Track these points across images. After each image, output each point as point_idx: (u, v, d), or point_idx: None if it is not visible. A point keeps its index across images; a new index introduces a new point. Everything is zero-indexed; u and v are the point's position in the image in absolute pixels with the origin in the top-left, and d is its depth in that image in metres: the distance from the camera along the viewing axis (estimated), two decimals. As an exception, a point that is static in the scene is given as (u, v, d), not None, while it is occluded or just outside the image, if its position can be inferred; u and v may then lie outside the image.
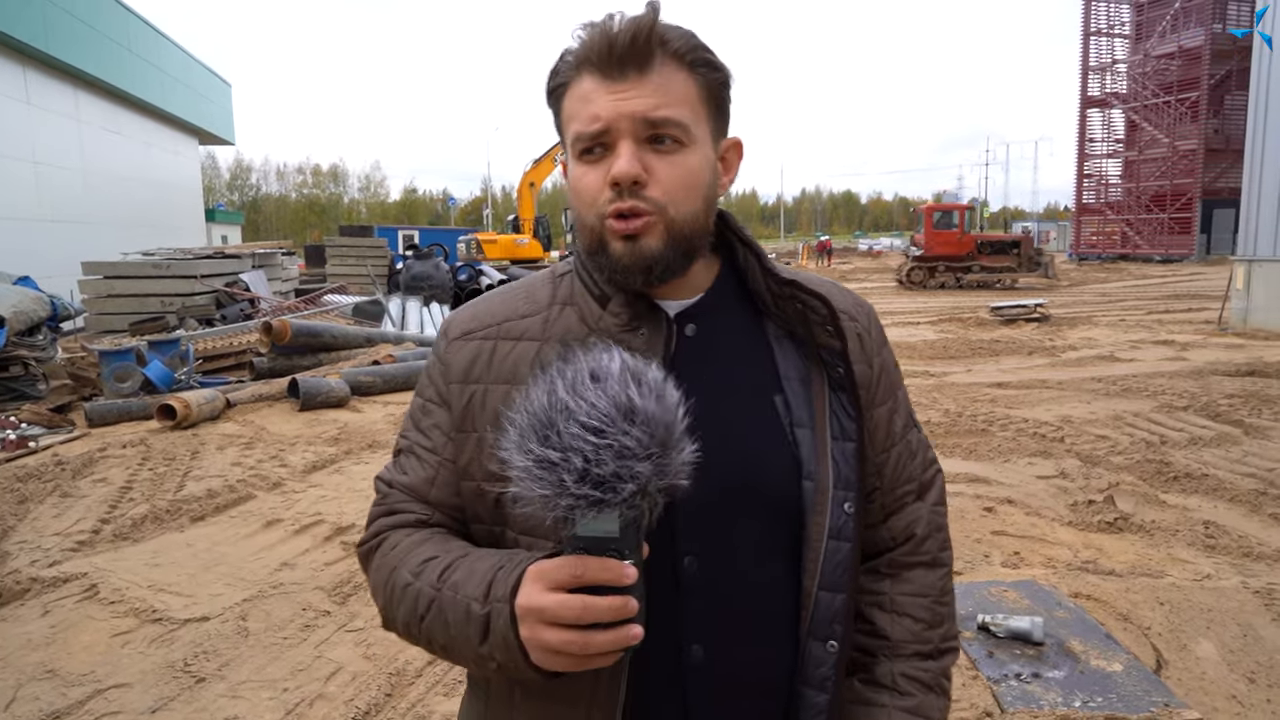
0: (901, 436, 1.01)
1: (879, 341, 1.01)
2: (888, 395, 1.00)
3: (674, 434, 0.73)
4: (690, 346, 0.92)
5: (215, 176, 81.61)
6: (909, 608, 0.99)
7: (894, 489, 1.00)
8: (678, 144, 0.85)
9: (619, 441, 0.70)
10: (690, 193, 0.86)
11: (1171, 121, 38.49)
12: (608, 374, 0.74)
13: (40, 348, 8.75)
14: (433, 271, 19.11)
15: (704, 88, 0.87)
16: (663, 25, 0.85)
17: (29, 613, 3.71)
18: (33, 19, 15.76)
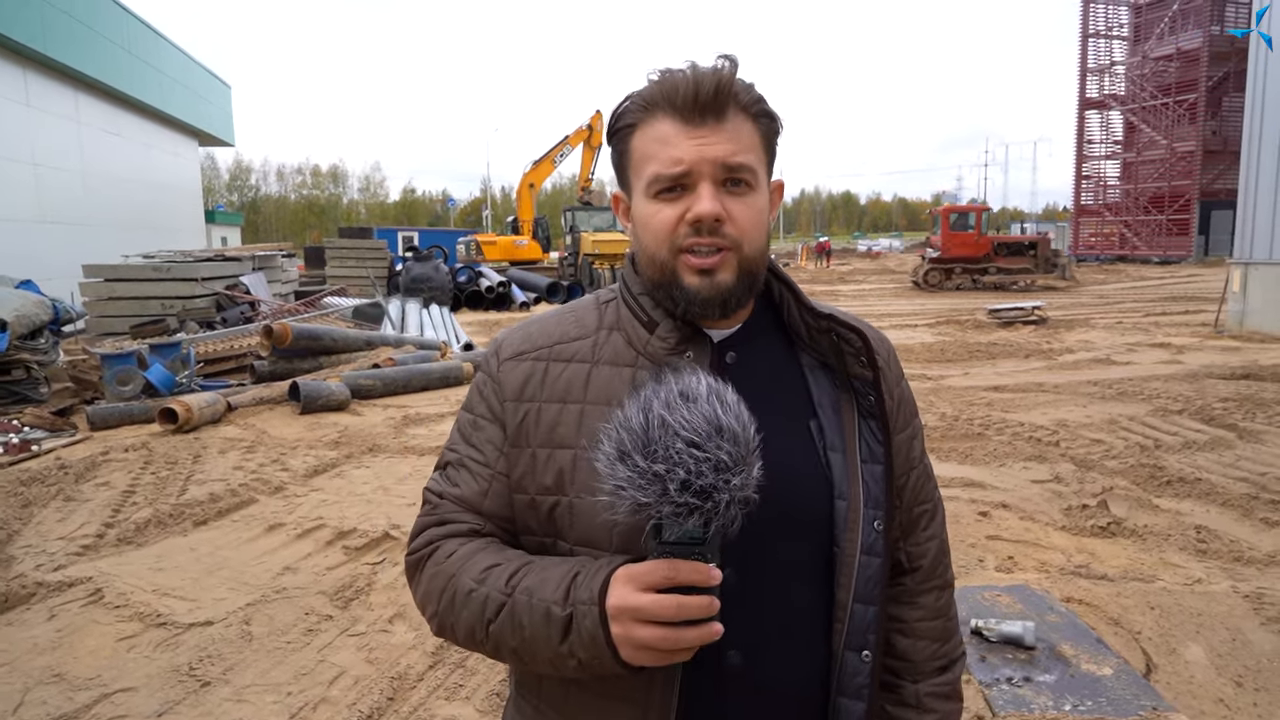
0: (920, 460, 1.10)
1: (898, 374, 1.09)
2: (907, 423, 1.08)
3: (751, 449, 0.82)
4: (731, 373, 0.97)
5: (215, 178, 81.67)
6: (926, 631, 1.10)
7: (911, 509, 1.09)
8: (749, 187, 0.95)
9: (716, 455, 0.79)
10: (759, 230, 0.96)
11: (1170, 123, 38.59)
12: (696, 394, 0.82)
13: (42, 351, 8.79)
14: (432, 273, 19.19)
15: (764, 136, 0.97)
16: (728, 77, 0.94)
17: (35, 617, 3.76)
18: (31, 20, 15.80)
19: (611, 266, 25.27)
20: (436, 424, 7.58)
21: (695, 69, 0.93)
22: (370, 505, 5.23)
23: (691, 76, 0.92)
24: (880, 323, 15.81)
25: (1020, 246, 25.30)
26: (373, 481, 5.77)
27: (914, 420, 1.11)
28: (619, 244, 25.61)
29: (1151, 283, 26.66)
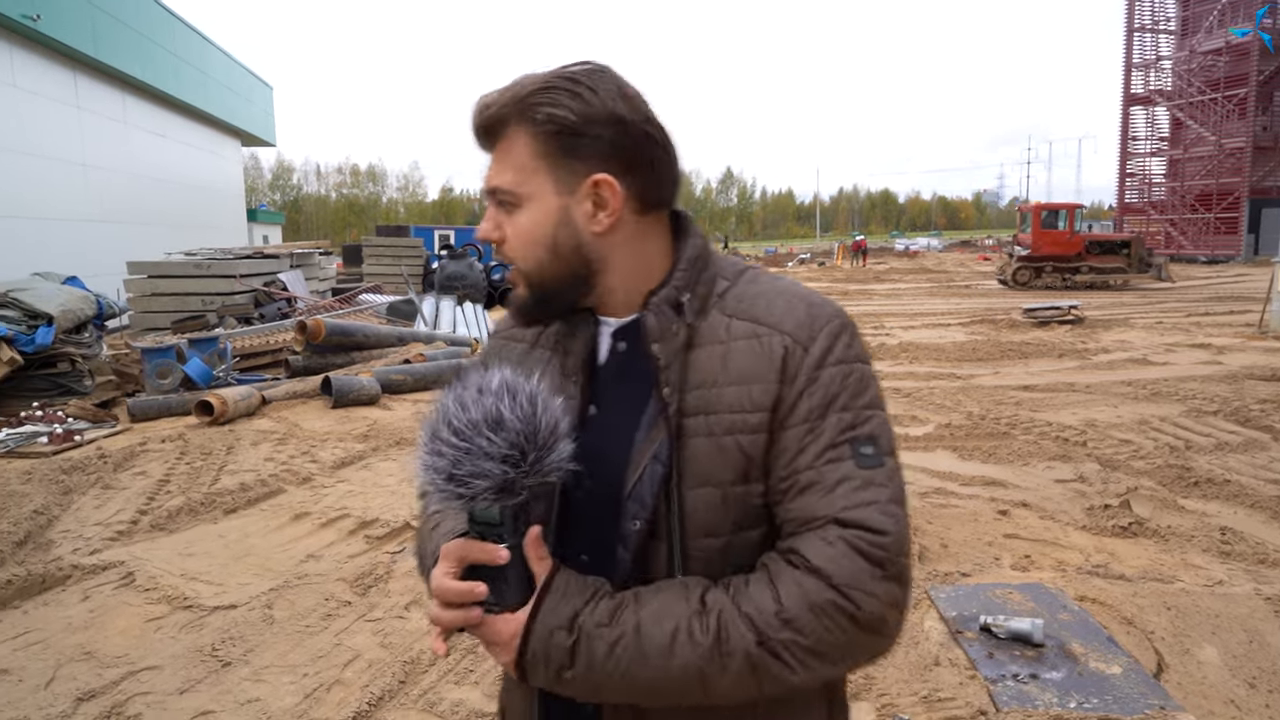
0: (812, 465, 0.90)
1: (816, 361, 0.92)
2: (809, 419, 0.91)
3: (538, 439, 0.88)
4: (615, 361, 1.02)
5: (258, 177, 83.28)
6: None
7: (788, 519, 0.92)
8: (513, 205, 0.98)
9: (479, 446, 0.86)
10: (526, 246, 0.98)
11: (1218, 119, 37.62)
12: (487, 388, 0.89)
13: (87, 345, 9.08)
14: (466, 271, 19.38)
15: (541, 142, 0.94)
16: (504, 94, 0.96)
17: (70, 598, 3.91)
18: (83, 25, 16.27)
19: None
20: (463, 419, 7.68)
21: (478, 102, 0.99)
22: (394, 497, 5.34)
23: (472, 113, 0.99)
24: (913, 322, 15.67)
25: (1113, 245, 24.43)
26: (397, 474, 5.88)
27: (825, 418, 0.91)
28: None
29: (1197, 282, 26.03)
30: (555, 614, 0.88)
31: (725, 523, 0.93)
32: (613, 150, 0.95)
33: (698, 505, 0.92)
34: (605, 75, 0.96)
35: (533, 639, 0.88)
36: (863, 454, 0.91)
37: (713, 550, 0.93)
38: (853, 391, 0.93)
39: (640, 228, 1.00)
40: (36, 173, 15.16)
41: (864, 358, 0.97)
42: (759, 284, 1.01)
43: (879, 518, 0.88)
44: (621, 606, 0.89)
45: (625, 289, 1.01)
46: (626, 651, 0.86)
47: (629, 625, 0.87)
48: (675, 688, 0.87)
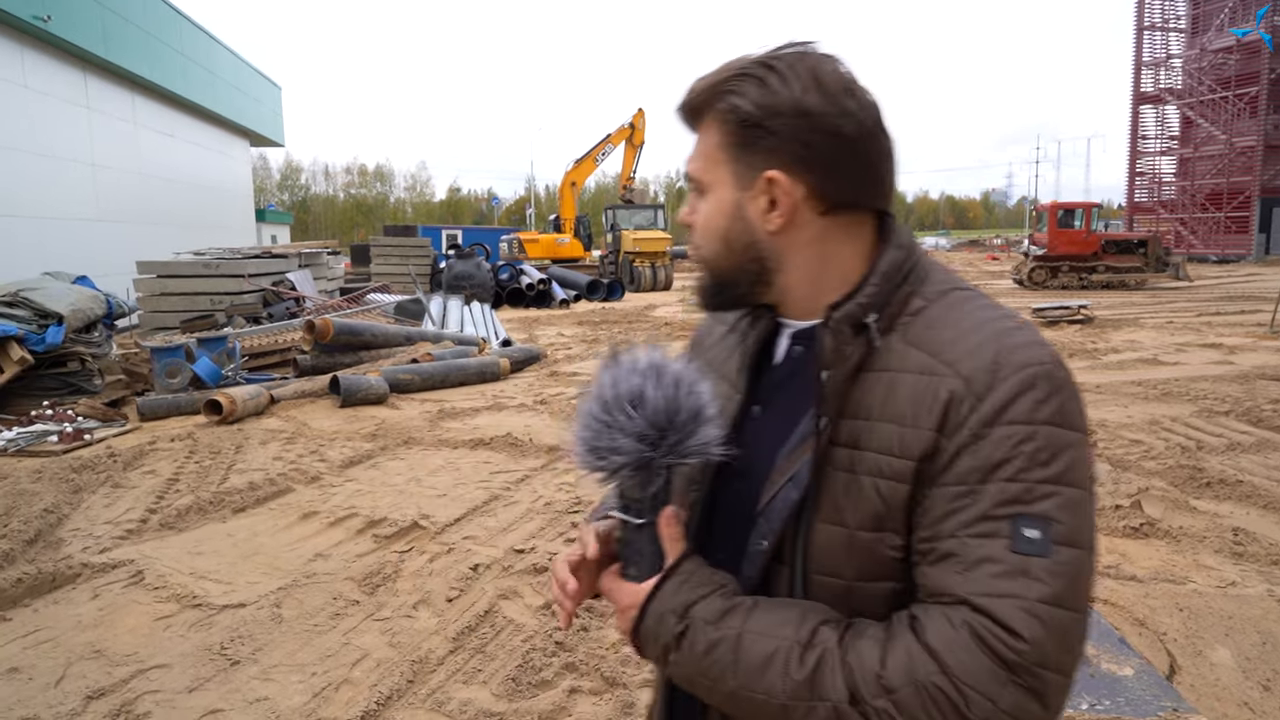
0: (956, 534, 0.80)
1: (988, 416, 0.80)
2: (965, 480, 0.80)
3: (677, 421, 0.88)
4: (789, 364, 0.99)
5: (267, 177, 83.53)
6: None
7: (921, 584, 0.83)
8: (699, 194, 0.97)
9: (619, 422, 0.88)
10: (705, 235, 0.97)
11: (1229, 117, 37.40)
12: (635, 367, 0.91)
13: (96, 344, 9.12)
14: (474, 270, 19.42)
15: (727, 133, 0.92)
16: (707, 78, 0.93)
17: (80, 596, 3.92)
18: (93, 26, 16.34)
19: (652, 264, 25.37)
20: (471, 418, 7.70)
21: (690, 84, 0.96)
22: (402, 496, 5.34)
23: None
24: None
25: (1130, 244, 24.14)
26: (406, 473, 5.89)
27: (985, 486, 0.79)
28: (659, 242, 25.68)
29: (1207, 282, 25.86)
30: (672, 598, 0.88)
31: (848, 567, 0.86)
32: (792, 145, 0.88)
33: (822, 540, 0.87)
34: (803, 61, 0.89)
35: (647, 616, 0.89)
36: (1024, 535, 0.77)
37: (835, 590, 0.87)
38: (1030, 460, 0.78)
39: (825, 229, 0.92)
40: (47, 173, 15.23)
41: (1061, 421, 0.80)
42: (959, 310, 0.88)
43: (1018, 616, 0.75)
44: (733, 610, 0.86)
45: (804, 292, 0.95)
46: (721, 656, 0.84)
47: (732, 632, 0.84)
48: (756, 710, 0.83)
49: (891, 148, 0.92)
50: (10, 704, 2.99)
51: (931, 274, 0.93)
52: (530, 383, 9.59)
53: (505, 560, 4.23)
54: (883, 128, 0.91)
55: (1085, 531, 0.79)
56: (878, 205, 0.94)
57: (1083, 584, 0.78)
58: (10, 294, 8.57)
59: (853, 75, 0.90)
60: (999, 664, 0.75)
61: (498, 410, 8.05)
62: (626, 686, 3.01)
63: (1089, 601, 0.80)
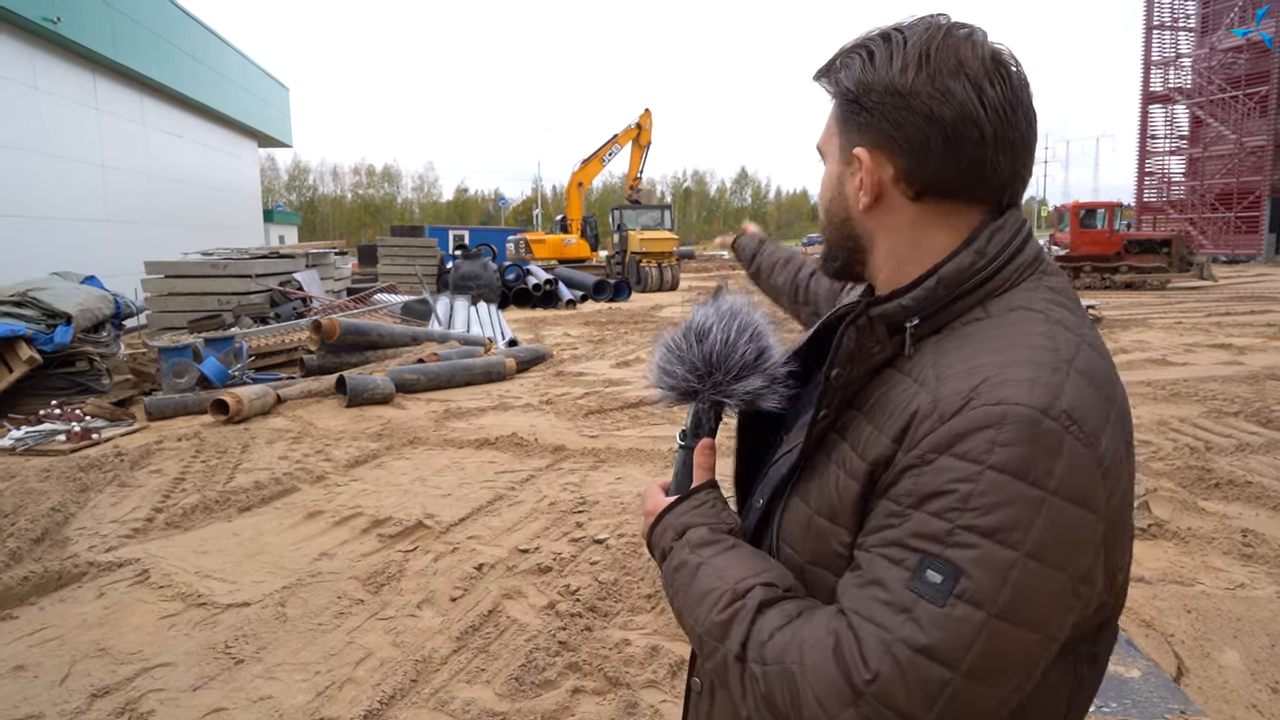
0: (870, 548, 0.79)
1: (939, 442, 0.75)
2: (900, 500, 0.77)
3: (729, 363, 0.98)
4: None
5: (274, 178, 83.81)
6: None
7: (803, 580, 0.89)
8: (824, 165, 0.99)
9: (682, 351, 1.00)
10: (825, 204, 0.98)
11: (1239, 117, 37.16)
12: (717, 308, 1.01)
13: (104, 344, 9.15)
14: (480, 271, 19.45)
15: (835, 106, 0.93)
16: (832, 62, 0.93)
17: (85, 594, 3.94)
18: (101, 28, 16.42)
19: (659, 264, 25.35)
20: (476, 418, 7.70)
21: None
22: (407, 495, 5.34)
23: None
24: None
25: (1153, 244, 23.83)
26: (411, 473, 5.89)
27: (914, 514, 0.75)
28: (666, 242, 25.67)
29: (1203, 282, 25.70)
30: (677, 519, 0.97)
31: (804, 547, 0.90)
32: (883, 124, 0.85)
33: (790, 515, 0.92)
34: (921, 36, 0.84)
35: (658, 525, 1.00)
36: (924, 578, 0.73)
37: (794, 565, 0.91)
38: (962, 501, 0.72)
39: (918, 216, 0.88)
40: (56, 173, 15.31)
41: (1021, 473, 0.71)
42: (1004, 330, 0.81)
43: (876, 648, 0.73)
44: (712, 544, 0.93)
45: (886, 276, 0.93)
46: (681, 577, 0.93)
47: (697, 560, 0.92)
48: (686, 631, 0.93)
49: (1015, 137, 0.84)
50: (16, 701, 3.00)
51: (1016, 289, 0.85)
52: (536, 383, 9.59)
53: (509, 560, 4.22)
54: (1003, 115, 0.83)
55: (1000, 598, 0.71)
56: (983, 197, 0.87)
57: (980, 652, 0.71)
58: (19, 294, 8.61)
59: (981, 56, 0.83)
60: (846, 681, 0.75)
61: (503, 410, 8.05)
62: (630, 687, 3.01)
63: (1000, 674, 0.72)
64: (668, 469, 5.39)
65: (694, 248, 65.53)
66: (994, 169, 0.84)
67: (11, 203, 13.84)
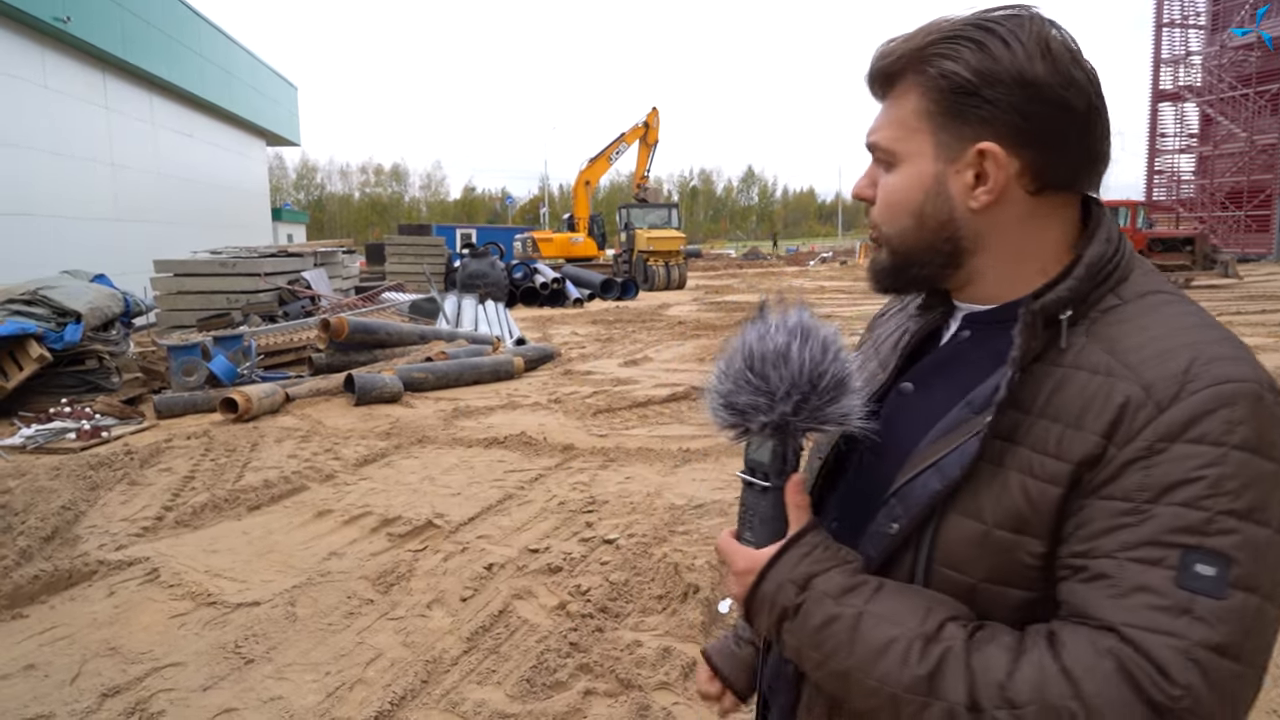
0: (1114, 554, 0.73)
1: (1170, 430, 0.72)
2: (1133, 497, 0.73)
3: (820, 385, 0.86)
4: (951, 348, 0.95)
5: (283, 177, 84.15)
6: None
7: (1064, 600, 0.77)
8: (888, 165, 0.90)
9: (762, 379, 0.87)
10: (891, 210, 0.90)
11: (1249, 115, 36.94)
12: (783, 325, 0.89)
13: (114, 342, 9.18)
14: (488, 269, 19.47)
15: (928, 98, 0.85)
16: (907, 41, 0.87)
17: (95, 593, 3.93)
18: (112, 27, 16.48)
19: (666, 263, 25.34)
20: (485, 416, 7.69)
21: (879, 46, 0.90)
22: (416, 494, 5.33)
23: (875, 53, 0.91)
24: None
25: (1176, 243, 23.41)
26: (420, 472, 5.88)
27: (1154, 507, 0.72)
28: (673, 240, 25.66)
29: (1228, 280, 25.55)
30: (793, 569, 0.85)
31: (978, 565, 0.81)
32: (1011, 116, 0.82)
33: (953, 534, 0.82)
34: (1029, 25, 0.82)
35: (765, 583, 0.86)
36: (1194, 572, 0.69)
37: (959, 587, 0.82)
38: (1214, 487, 0.70)
39: (1033, 209, 0.86)
40: (66, 172, 15.37)
41: (1260, 449, 0.71)
42: (1156, 313, 0.81)
43: (1174, 658, 0.68)
44: (856, 589, 0.82)
45: (997, 276, 0.89)
46: (836, 635, 0.81)
47: (852, 610, 0.81)
48: (866, 694, 0.79)
49: (1110, 125, 0.85)
50: (26, 701, 3.00)
51: (1134, 273, 0.86)
52: (545, 381, 9.58)
53: (519, 560, 4.21)
54: (1104, 103, 0.84)
55: (1266, 579, 0.70)
56: (1091, 188, 0.87)
57: (1257, 636, 0.70)
58: (29, 292, 8.64)
59: (1077, 44, 0.83)
60: (1144, 704, 0.68)
61: (512, 409, 8.04)
62: (642, 689, 2.99)
63: (1265, 657, 0.71)
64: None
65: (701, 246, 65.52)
66: (1104, 158, 0.86)
67: (22, 201, 13.90)
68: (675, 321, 15.94)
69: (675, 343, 12.95)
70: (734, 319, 15.73)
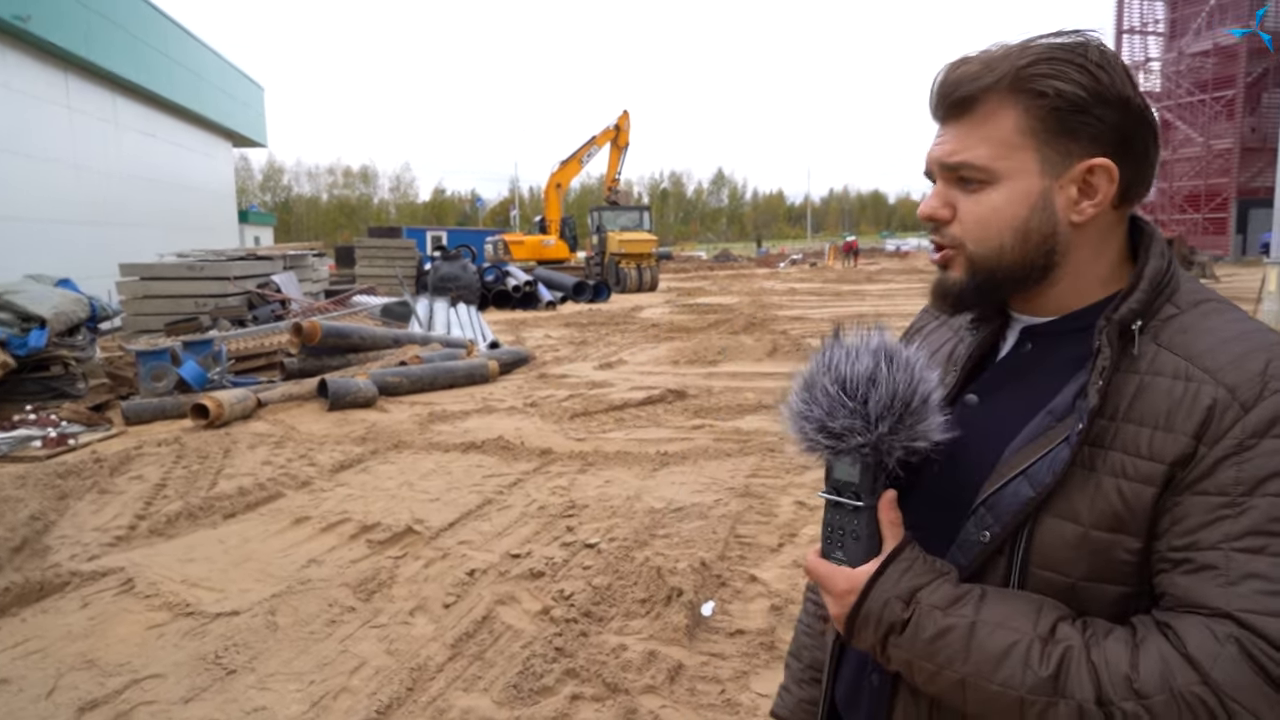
0: (1218, 545, 0.78)
1: (1258, 427, 0.78)
2: (1229, 491, 0.78)
3: (912, 404, 0.89)
4: (1014, 359, 0.99)
5: (249, 178, 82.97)
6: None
7: (1169, 593, 0.81)
8: (979, 184, 0.91)
9: (857, 401, 0.89)
10: (985, 228, 0.91)
11: (1206, 120, 37.85)
12: (866, 348, 0.92)
13: (80, 348, 9.01)
14: (460, 272, 19.36)
15: (1029, 115, 0.88)
16: (991, 63, 0.89)
17: (69, 605, 3.87)
18: (75, 26, 16.16)
19: (638, 265, 25.37)
20: (461, 421, 7.66)
21: (948, 68, 0.93)
22: (394, 500, 5.30)
23: (937, 79, 0.94)
24: (903, 323, 15.67)
25: None
26: (397, 477, 5.85)
27: (1250, 500, 0.77)
28: (645, 243, 25.71)
29: (1205, 281, 26.08)
30: (897, 584, 0.87)
31: (1076, 565, 0.84)
32: (1114, 134, 0.87)
33: (1049, 537, 0.85)
34: (1108, 52, 0.88)
35: (869, 601, 0.88)
36: None
37: (1057, 587, 0.85)
38: None
39: (1111, 223, 0.92)
40: (28, 174, 15.04)
41: None
42: (1215, 319, 0.87)
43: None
44: (963, 598, 0.85)
45: (1068, 287, 0.94)
46: (950, 643, 0.83)
47: (964, 620, 0.83)
48: (985, 701, 0.82)
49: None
50: (1, 716, 2.94)
51: (1183, 285, 0.91)
52: (520, 385, 9.56)
53: (501, 565, 4.20)
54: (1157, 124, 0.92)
55: None
56: (1140, 200, 0.94)
57: None
58: (-9, 297, 8.45)
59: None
60: (1268, 682, 0.73)
61: (488, 413, 8.02)
62: (629, 692, 3.00)
63: None
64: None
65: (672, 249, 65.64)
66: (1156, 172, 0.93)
67: (-19, 204, 13.58)
68: (649, 324, 15.96)
69: (649, 345, 12.97)
70: (707, 321, 15.79)
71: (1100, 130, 0.87)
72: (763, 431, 6.90)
